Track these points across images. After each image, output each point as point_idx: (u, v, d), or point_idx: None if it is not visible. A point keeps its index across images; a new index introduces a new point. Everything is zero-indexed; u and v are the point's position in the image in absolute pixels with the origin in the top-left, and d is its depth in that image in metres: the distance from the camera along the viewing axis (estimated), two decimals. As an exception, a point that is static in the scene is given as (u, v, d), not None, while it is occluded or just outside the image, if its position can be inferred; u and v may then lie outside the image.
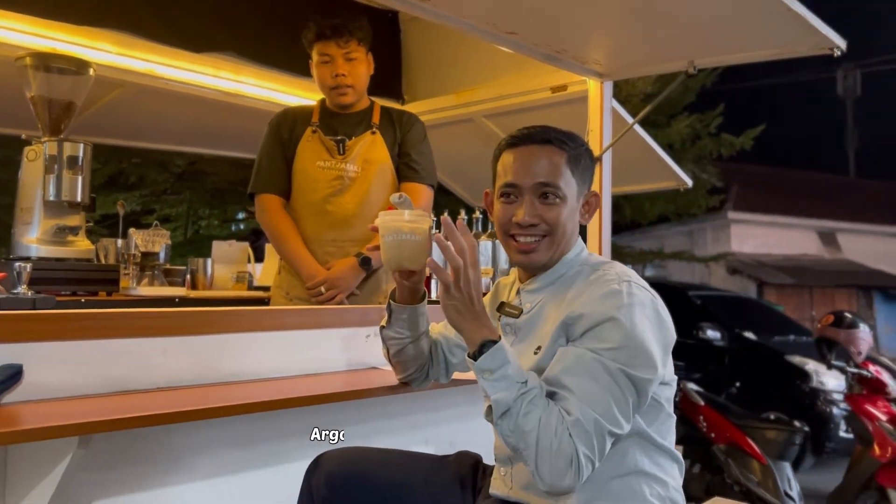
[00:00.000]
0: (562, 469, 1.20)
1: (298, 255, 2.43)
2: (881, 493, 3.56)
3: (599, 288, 1.34)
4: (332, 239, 2.46)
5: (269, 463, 1.79)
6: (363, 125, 2.53)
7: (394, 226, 1.56)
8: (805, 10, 2.09)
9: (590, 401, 1.23)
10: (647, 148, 3.42)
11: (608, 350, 1.27)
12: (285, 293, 2.50)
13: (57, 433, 1.24)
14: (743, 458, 4.22)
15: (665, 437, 1.39)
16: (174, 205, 11.23)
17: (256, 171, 2.54)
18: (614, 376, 1.25)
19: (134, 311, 1.65)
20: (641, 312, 1.30)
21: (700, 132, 12.24)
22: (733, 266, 16.75)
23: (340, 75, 2.45)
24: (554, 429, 1.21)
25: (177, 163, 9.97)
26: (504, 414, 1.24)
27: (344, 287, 2.40)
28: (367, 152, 2.50)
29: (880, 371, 3.79)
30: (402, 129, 2.57)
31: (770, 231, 18.08)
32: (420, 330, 1.66)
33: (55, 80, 2.54)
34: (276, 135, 2.53)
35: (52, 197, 2.43)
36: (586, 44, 2.53)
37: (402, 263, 1.57)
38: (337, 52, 2.45)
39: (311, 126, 2.51)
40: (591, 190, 1.51)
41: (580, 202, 1.48)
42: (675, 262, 14.92)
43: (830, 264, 18.31)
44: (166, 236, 2.85)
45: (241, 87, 3.27)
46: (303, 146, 2.49)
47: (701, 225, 17.53)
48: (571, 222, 1.46)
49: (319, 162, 2.47)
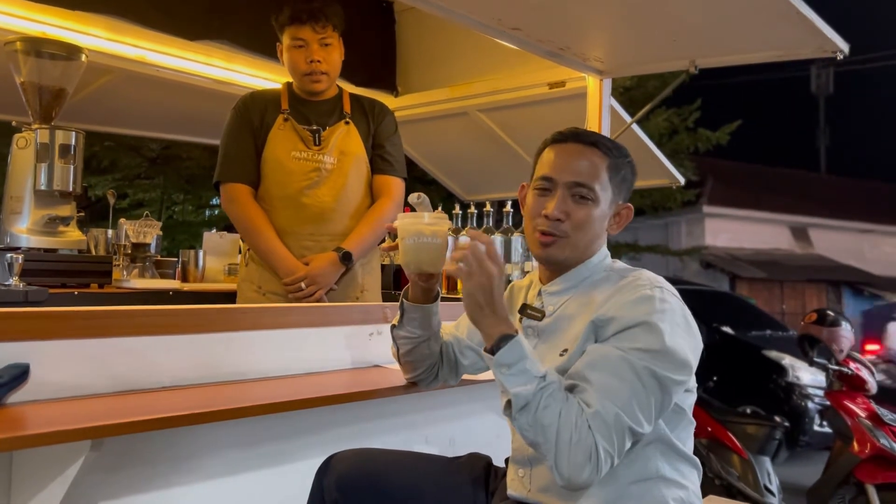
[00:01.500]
0: (580, 462, 1.19)
1: (275, 249, 2.32)
2: (859, 489, 3.62)
3: (632, 293, 1.34)
4: (310, 233, 2.37)
5: (274, 462, 1.77)
6: (336, 114, 2.45)
7: (415, 229, 1.54)
8: (812, 12, 2.10)
9: (611, 395, 1.23)
10: (643, 145, 3.43)
11: (636, 350, 1.27)
12: (257, 287, 2.39)
13: (71, 437, 1.22)
14: (724, 453, 4.28)
15: (685, 444, 1.39)
16: (147, 190, 11.07)
17: (224, 159, 2.40)
18: (639, 374, 1.25)
19: (140, 308, 1.62)
20: (672, 319, 1.31)
21: (677, 127, 12.34)
22: (707, 260, 16.95)
23: (316, 61, 2.35)
24: (574, 421, 1.21)
25: (150, 147, 9.81)
26: (523, 408, 1.24)
27: (324, 283, 2.33)
28: (343, 143, 2.42)
29: (860, 368, 3.85)
30: (375, 121, 2.51)
31: (743, 225, 18.33)
32: (432, 330, 1.64)
33: (46, 65, 2.47)
34: (246, 120, 2.39)
35: (43, 186, 2.38)
36: (589, 41, 2.52)
37: (421, 267, 1.55)
38: (312, 37, 2.34)
39: (282, 113, 2.39)
40: (626, 203, 1.50)
41: (612, 210, 1.48)
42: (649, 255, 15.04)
43: (802, 259, 18.62)
44: (157, 227, 2.81)
45: (233, 76, 3.21)
46: (275, 134, 2.38)
47: (676, 219, 17.72)
48: (597, 227, 1.45)
49: (294, 152, 2.37)
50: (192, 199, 11.77)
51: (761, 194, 18.97)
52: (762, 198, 18.81)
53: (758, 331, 7.66)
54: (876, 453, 3.55)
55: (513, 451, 1.51)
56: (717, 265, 16.99)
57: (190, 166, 9.83)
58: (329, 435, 1.88)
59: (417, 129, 3.78)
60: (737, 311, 8.39)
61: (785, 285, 17.50)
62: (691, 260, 16.53)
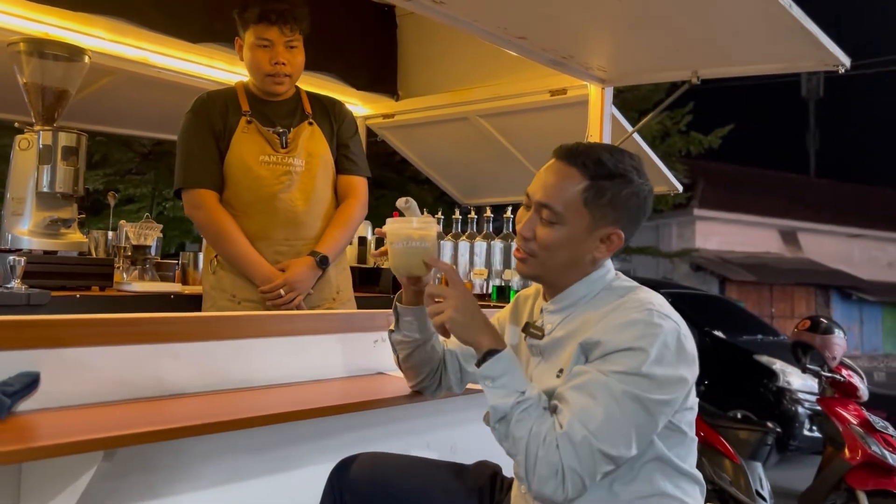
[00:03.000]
0: (545, 477, 1.21)
1: (249, 256, 2.26)
2: (850, 494, 3.66)
3: (620, 316, 1.32)
4: (284, 238, 2.33)
5: (280, 469, 1.78)
6: (298, 115, 2.41)
7: (404, 233, 1.56)
8: (815, 26, 2.12)
9: (583, 417, 1.23)
10: (642, 153, 3.45)
11: (616, 373, 1.25)
12: (230, 296, 2.32)
13: (85, 447, 1.22)
14: (716, 458, 4.31)
15: (686, 461, 1.38)
16: (138, 185, 11.00)
17: (185, 163, 2.31)
18: (616, 397, 1.23)
19: (149, 316, 1.62)
20: (662, 342, 1.27)
21: (670, 129, 12.38)
22: (697, 262, 17.03)
23: (280, 63, 2.29)
24: (543, 437, 1.23)
25: (142, 142, 9.75)
26: (500, 420, 1.29)
27: (303, 288, 2.29)
28: (309, 145, 2.38)
29: (852, 375, 3.89)
30: (337, 121, 2.47)
31: (734, 228, 18.43)
32: (428, 332, 1.65)
33: (49, 66, 2.47)
34: (206, 123, 2.31)
35: (45, 188, 2.37)
36: (593, 50, 2.54)
37: (411, 271, 1.57)
38: (279, 38, 2.28)
39: (244, 115, 2.32)
40: (616, 229, 1.39)
41: (594, 235, 1.39)
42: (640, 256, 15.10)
43: (791, 263, 18.73)
44: (158, 229, 2.80)
45: (235, 78, 3.17)
46: (239, 137, 2.30)
47: (667, 221, 17.80)
48: (571, 250, 1.39)
49: (263, 156, 2.30)
50: (184, 196, 11.70)
51: (752, 197, 19.08)
52: (752, 201, 18.91)
53: (749, 335, 7.70)
54: (867, 460, 3.59)
55: (515, 467, 1.52)
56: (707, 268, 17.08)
57: (181, 162, 9.77)
58: (333, 441, 1.89)
59: (417, 133, 3.79)
60: (728, 314, 8.42)
61: (774, 289, 17.60)
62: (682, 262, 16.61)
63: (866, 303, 18.89)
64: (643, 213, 1.44)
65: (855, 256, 20.37)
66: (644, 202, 1.42)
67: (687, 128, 12.37)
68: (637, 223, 1.43)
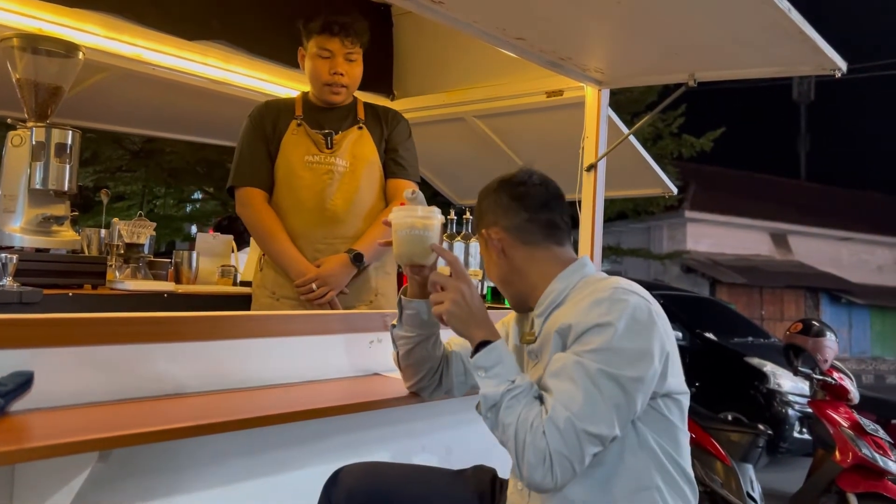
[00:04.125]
0: (534, 463, 1.23)
1: (287, 252, 2.35)
2: (841, 497, 3.67)
3: (589, 298, 1.38)
4: (323, 236, 2.39)
5: (276, 471, 1.77)
6: (349, 120, 2.49)
7: (408, 222, 1.60)
8: (813, 31, 2.12)
9: (564, 400, 1.26)
10: (637, 155, 3.45)
11: (588, 352, 1.30)
12: (271, 293, 2.42)
13: (80, 448, 1.21)
14: (707, 459, 4.32)
15: (679, 455, 1.40)
16: (129, 182, 10.97)
17: (237, 164, 2.45)
18: (592, 376, 1.27)
19: (145, 315, 1.61)
20: (630, 315, 1.32)
21: (662, 132, 12.41)
22: (688, 264, 17.09)
23: (339, 74, 2.40)
24: (531, 423, 1.26)
25: (133, 139, 9.69)
26: (491, 408, 1.33)
27: (335, 284, 2.35)
28: (355, 147, 2.45)
29: (843, 378, 3.91)
30: (388, 126, 2.54)
31: (724, 231, 18.50)
32: (430, 329, 1.67)
33: (43, 62, 2.43)
34: (259, 127, 2.45)
35: (38, 185, 2.34)
36: (591, 52, 2.53)
37: (413, 259, 1.61)
38: (340, 49, 2.39)
39: (295, 119, 2.43)
40: (483, 229, 1.56)
41: (487, 248, 1.55)
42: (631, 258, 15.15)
43: (781, 265, 18.82)
44: (151, 227, 2.77)
45: (230, 76, 3.17)
46: (287, 139, 2.42)
47: (658, 223, 17.85)
48: (492, 270, 1.56)
49: (307, 156, 2.40)
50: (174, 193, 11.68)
51: (743, 200, 19.16)
52: (743, 204, 19.00)
53: (739, 337, 7.72)
54: (858, 463, 3.61)
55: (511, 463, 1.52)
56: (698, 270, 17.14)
57: (173, 160, 9.73)
58: (328, 443, 1.88)
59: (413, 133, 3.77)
60: (719, 317, 8.45)
61: (764, 291, 17.68)
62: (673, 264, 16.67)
63: (855, 306, 19.00)
64: (503, 198, 1.54)
65: (844, 259, 20.49)
66: (497, 191, 1.55)
67: (679, 130, 12.42)
68: (508, 208, 1.53)
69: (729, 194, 19.10)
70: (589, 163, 2.82)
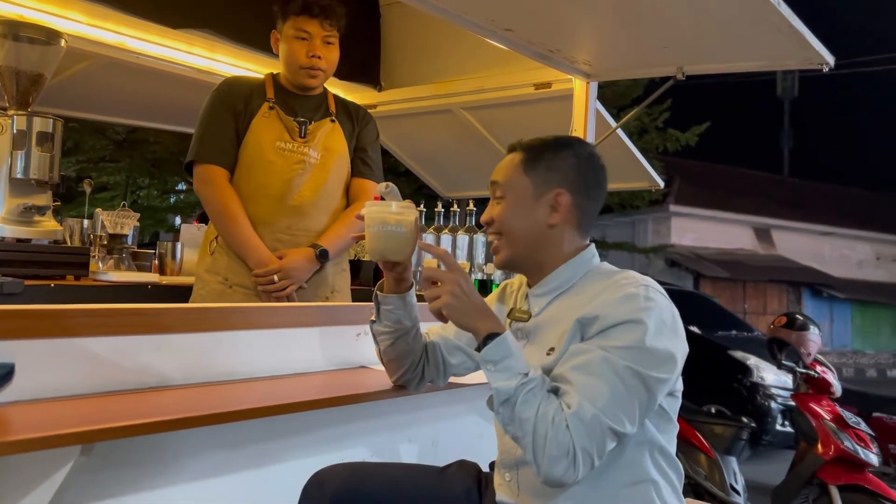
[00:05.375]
0: (556, 457, 1.21)
1: (249, 239, 2.25)
2: (822, 489, 3.70)
3: (617, 291, 1.35)
4: (287, 226, 2.32)
5: (260, 463, 1.75)
6: (321, 111, 2.43)
7: (380, 217, 1.57)
8: (802, 25, 2.12)
9: (590, 396, 1.24)
10: (625, 148, 3.45)
11: (618, 348, 1.27)
12: (223, 279, 2.30)
13: (62, 441, 1.18)
14: (691, 452, 4.35)
15: (671, 446, 1.41)
16: (112, 173, 10.86)
17: (200, 139, 2.30)
18: (620, 374, 1.25)
19: (128, 307, 1.58)
20: (658, 316, 1.31)
21: (647, 126, 12.44)
22: (672, 258, 17.16)
23: (316, 57, 2.33)
24: (552, 417, 1.23)
25: (116, 130, 9.59)
26: (504, 402, 1.28)
27: (297, 278, 2.28)
28: (328, 140, 2.40)
29: (826, 371, 3.94)
30: (359, 123, 2.50)
31: (709, 225, 18.59)
32: (409, 322, 1.64)
33: (25, 49, 2.39)
34: (228, 103, 2.32)
35: (19, 174, 2.31)
36: (579, 44, 2.52)
37: (385, 255, 1.58)
38: (318, 32, 2.32)
39: (267, 101, 2.34)
40: (560, 189, 1.45)
41: (542, 202, 1.45)
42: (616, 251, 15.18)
43: (764, 259, 18.95)
44: (135, 218, 2.74)
45: (215, 65, 3.14)
46: (258, 122, 2.32)
47: (643, 217, 17.89)
48: (523, 221, 1.46)
49: (279, 142, 2.31)
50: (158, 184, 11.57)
51: (727, 195, 19.26)
52: (727, 198, 19.09)
53: (723, 331, 7.78)
54: (839, 455, 3.64)
55: (499, 455, 1.51)
56: (681, 264, 17.22)
57: (156, 150, 9.65)
58: (313, 436, 1.87)
59: (400, 125, 3.75)
60: (703, 310, 8.50)
61: (747, 285, 17.80)
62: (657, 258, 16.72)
63: (836, 300, 19.19)
64: (590, 176, 1.49)
65: (826, 254, 20.66)
66: (586, 164, 1.48)
67: (664, 125, 12.45)
68: (586, 186, 1.48)
69: (713, 189, 19.19)
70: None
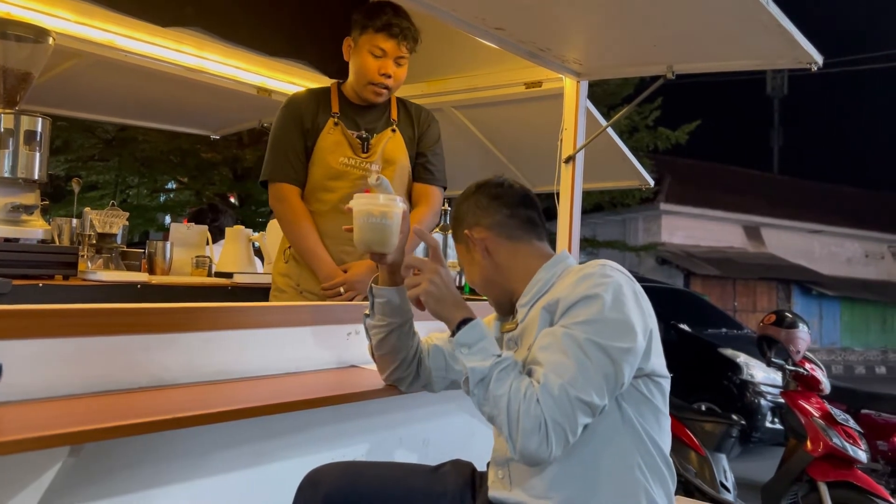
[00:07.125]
0: (529, 430, 1.24)
1: (318, 254, 2.37)
2: (811, 486, 3.73)
3: (577, 274, 1.41)
4: (351, 239, 2.40)
5: (252, 463, 1.75)
6: (384, 120, 2.49)
7: (365, 209, 1.61)
8: (791, 24, 2.13)
9: (557, 370, 1.29)
10: (615, 147, 3.46)
11: (578, 323, 1.33)
12: (295, 284, 2.45)
13: (50, 443, 1.17)
14: (682, 449, 4.36)
15: (659, 436, 1.42)
16: (102, 172, 10.78)
17: (274, 157, 2.42)
18: (583, 346, 1.30)
19: (118, 306, 1.57)
20: (615, 289, 1.36)
21: (638, 124, 12.47)
22: (663, 256, 17.22)
23: (387, 76, 2.38)
24: (523, 393, 1.27)
25: (105, 128, 9.52)
26: (479, 382, 1.33)
27: (362, 290, 2.36)
28: (388, 152, 2.46)
29: (815, 369, 3.96)
30: (420, 128, 2.55)
31: (699, 223, 18.65)
32: (402, 317, 1.67)
33: (12, 47, 2.37)
34: (297, 121, 2.42)
35: (6, 173, 2.29)
36: (570, 43, 2.52)
37: (371, 246, 1.62)
38: (394, 51, 2.38)
39: (332, 116, 2.43)
40: (466, 232, 1.58)
41: (471, 251, 1.58)
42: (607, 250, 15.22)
43: (754, 257, 19.02)
44: (124, 217, 2.73)
45: (204, 64, 3.12)
46: (324, 138, 2.41)
47: (633, 215, 17.94)
48: (475, 272, 1.58)
49: (343, 158, 2.40)
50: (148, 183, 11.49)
51: (717, 193, 19.32)
52: (718, 196, 19.16)
53: (713, 328, 7.82)
54: (828, 452, 3.66)
55: (493, 453, 1.53)
56: (672, 262, 17.27)
57: (146, 149, 9.58)
58: (304, 436, 1.86)
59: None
60: (693, 308, 8.54)
61: (737, 283, 17.87)
62: (648, 256, 16.78)
63: (825, 297, 19.28)
64: (480, 201, 1.59)
65: (815, 252, 20.76)
66: (472, 198, 1.61)
67: (654, 123, 12.48)
68: (482, 209, 1.59)
69: (703, 187, 19.24)
70: (567, 154, 2.82)
